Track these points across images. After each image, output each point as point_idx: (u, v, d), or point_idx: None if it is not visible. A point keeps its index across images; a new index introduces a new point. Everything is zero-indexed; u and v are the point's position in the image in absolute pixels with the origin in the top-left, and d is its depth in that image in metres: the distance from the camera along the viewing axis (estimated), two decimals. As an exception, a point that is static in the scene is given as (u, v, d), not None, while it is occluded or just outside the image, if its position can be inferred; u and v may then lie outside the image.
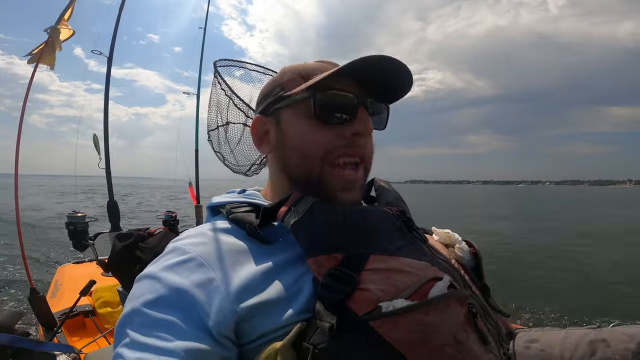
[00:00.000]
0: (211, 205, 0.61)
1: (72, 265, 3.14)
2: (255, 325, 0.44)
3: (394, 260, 0.45)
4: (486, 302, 0.54)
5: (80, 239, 2.54)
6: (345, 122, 0.54)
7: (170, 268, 0.45)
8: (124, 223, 3.86)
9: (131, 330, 0.41)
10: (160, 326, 0.40)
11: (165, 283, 0.44)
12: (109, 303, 2.16)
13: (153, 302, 0.42)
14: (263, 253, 0.49)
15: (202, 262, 0.45)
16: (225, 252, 0.48)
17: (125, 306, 0.44)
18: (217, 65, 1.23)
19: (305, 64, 0.59)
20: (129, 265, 1.46)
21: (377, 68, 0.53)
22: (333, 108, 0.53)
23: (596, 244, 9.48)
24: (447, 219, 14.03)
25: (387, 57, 0.51)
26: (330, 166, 0.54)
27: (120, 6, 3.15)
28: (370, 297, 0.41)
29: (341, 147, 0.53)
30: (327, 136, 0.53)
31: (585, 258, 7.66)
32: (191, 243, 0.49)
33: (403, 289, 0.41)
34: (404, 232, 0.52)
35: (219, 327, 0.42)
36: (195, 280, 0.44)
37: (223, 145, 1.25)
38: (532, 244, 9.60)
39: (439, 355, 0.40)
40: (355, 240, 0.46)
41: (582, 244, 9.31)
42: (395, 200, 0.62)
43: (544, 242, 9.81)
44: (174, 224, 2.29)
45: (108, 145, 3.14)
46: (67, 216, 2.53)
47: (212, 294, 0.43)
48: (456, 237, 0.62)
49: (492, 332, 0.49)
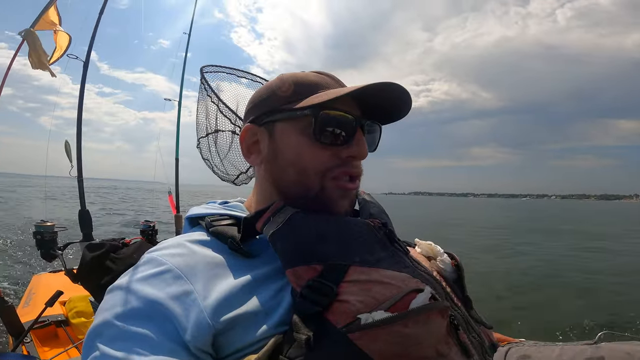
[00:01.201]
0: (190, 217, 0.59)
1: (48, 275, 3.01)
2: (233, 339, 0.43)
3: (375, 271, 0.44)
4: (469, 314, 0.54)
5: (48, 249, 2.40)
6: (341, 143, 0.53)
7: (145, 280, 0.43)
8: (129, 232, 3.68)
9: (101, 343, 0.39)
10: (133, 339, 0.39)
11: (139, 295, 0.42)
12: (82, 313, 2.07)
13: (125, 315, 0.41)
14: (243, 266, 0.48)
15: (179, 274, 0.44)
16: (204, 265, 0.46)
17: (96, 318, 0.42)
18: (204, 71, 1.22)
19: (304, 75, 0.58)
20: (98, 276, 1.40)
21: (383, 95, 0.53)
22: (333, 129, 0.53)
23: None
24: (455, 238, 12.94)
25: (394, 84, 0.51)
26: (331, 179, 0.54)
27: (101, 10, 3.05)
28: (349, 309, 0.40)
29: (336, 166, 0.54)
30: (324, 155, 0.53)
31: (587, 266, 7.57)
32: (168, 254, 0.47)
33: (383, 300, 0.41)
34: (385, 244, 0.51)
35: (196, 341, 0.40)
36: (172, 292, 0.42)
37: (213, 153, 1.24)
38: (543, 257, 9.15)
39: None
40: (335, 252, 0.45)
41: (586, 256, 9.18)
42: (377, 213, 0.62)
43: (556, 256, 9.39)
44: (152, 234, 2.21)
45: (81, 151, 3.01)
46: (34, 225, 2.39)
47: (189, 307, 0.42)
48: (438, 249, 0.62)
49: (475, 344, 0.49)
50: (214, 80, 1.20)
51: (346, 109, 0.53)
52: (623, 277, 6.74)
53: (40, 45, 2.26)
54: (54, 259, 2.44)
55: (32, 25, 2.37)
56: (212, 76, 1.21)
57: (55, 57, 2.50)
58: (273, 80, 0.59)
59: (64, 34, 2.44)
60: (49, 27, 2.36)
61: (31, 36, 2.27)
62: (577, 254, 9.58)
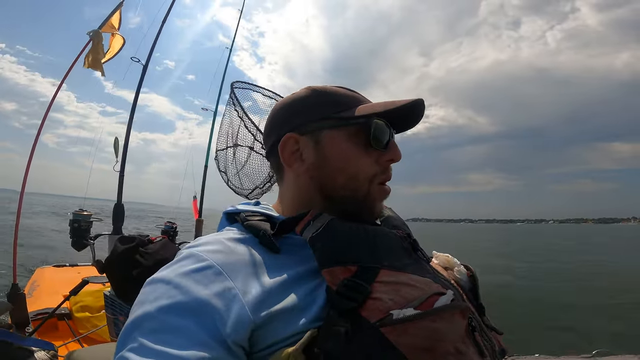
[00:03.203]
0: (227, 212, 0.63)
1: (52, 268, 3.13)
2: (270, 333, 0.44)
3: (402, 275, 0.48)
4: (482, 320, 0.57)
5: (81, 238, 2.55)
6: (383, 149, 0.59)
7: (188, 275, 0.44)
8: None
9: (140, 335, 0.39)
10: (173, 333, 0.39)
11: (182, 289, 0.43)
12: (88, 308, 2.13)
13: (168, 308, 0.41)
14: (278, 265, 0.50)
15: (220, 270, 0.45)
16: (242, 262, 0.48)
17: (135, 310, 0.43)
18: (234, 86, 1.28)
19: (337, 88, 0.62)
20: (127, 268, 1.44)
21: (415, 110, 0.61)
22: (381, 136, 0.58)
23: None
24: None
25: (422, 100, 0.59)
26: (377, 185, 0.59)
27: (165, 17, 3.32)
28: (382, 306, 0.43)
29: (380, 173, 0.59)
30: (370, 161, 0.58)
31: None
32: (208, 250, 0.48)
33: (411, 300, 0.44)
34: (410, 253, 0.54)
35: (236, 335, 0.41)
36: (214, 288, 0.43)
37: (230, 166, 1.27)
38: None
39: None
40: (367, 256, 0.49)
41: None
42: (401, 225, 0.65)
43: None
44: (173, 234, 2.29)
45: (126, 150, 3.22)
46: (72, 213, 2.56)
47: (231, 303, 0.43)
48: (455, 261, 0.65)
49: (487, 347, 0.50)
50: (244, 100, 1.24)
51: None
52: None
53: (102, 46, 2.49)
54: (84, 247, 2.59)
55: (99, 27, 2.63)
56: (240, 93, 1.26)
57: (107, 58, 2.72)
58: (302, 91, 0.62)
59: (119, 38, 2.67)
60: (109, 30, 2.60)
61: (98, 36, 2.51)
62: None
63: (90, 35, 2.53)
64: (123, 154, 3.21)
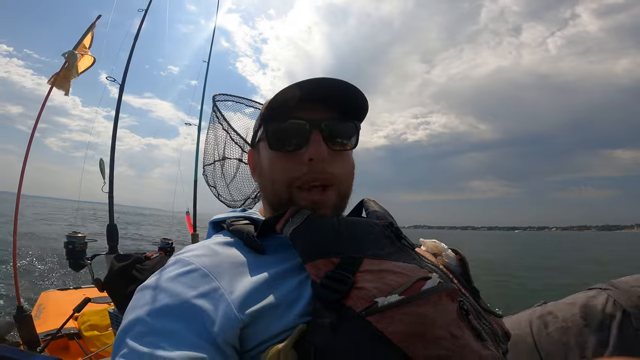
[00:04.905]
0: (213, 221, 0.64)
1: (56, 292, 3.13)
2: (259, 331, 0.44)
3: (386, 263, 0.48)
4: (477, 304, 0.56)
5: (78, 259, 2.53)
6: (298, 148, 0.56)
7: (174, 279, 0.45)
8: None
9: (131, 339, 0.40)
10: (162, 335, 0.40)
11: (170, 293, 0.43)
12: (96, 326, 2.13)
13: (155, 311, 0.42)
14: (263, 264, 0.50)
15: (206, 272, 0.46)
16: (228, 264, 0.49)
17: (127, 316, 0.44)
18: (216, 99, 1.27)
19: (280, 91, 0.57)
20: (125, 285, 1.46)
21: (331, 93, 0.56)
22: (284, 136, 0.56)
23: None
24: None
25: (325, 78, 0.55)
26: (298, 190, 0.56)
27: (136, 35, 3.28)
28: (367, 295, 0.43)
29: (304, 173, 0.56)
30: (288, 163, 0.56)
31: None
32: (194, 255, 0.50)
33: (396, 286, 0.43)
34: (393, 241, 0.54)
35: (224, 333, 0.41)
36: (201, 290, 0.44)
37: (218, 180, 1.28)
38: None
39: (436, 348, 0.40)
40: (349, 247, 0.49)
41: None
42: (383, 215, 0.65)
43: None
44: (170, 251, 2.29)
45: (113, 170, 3.18)
46: (66, 236, 2.54)
47: (217, 302, 0.43)
48: (442, 246, 0.65)
49: (487, 331, 0.50)
50: (225, 110, 1.24)
51: (301, 114, 0.56)
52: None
53: (77, 67, 2.46)
54: (82, 268, 2.57)
55: (74, 47, 2.60)
56: (223, 105, 1.26)
57: (73, 77, 2.69)
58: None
59: (89, 57, 2.63)
60: (81, 50, 2.57)
61: (73, 57, 2.49)
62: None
63: (66, 57, 2.51)
64: (110, 174, 3.18)
